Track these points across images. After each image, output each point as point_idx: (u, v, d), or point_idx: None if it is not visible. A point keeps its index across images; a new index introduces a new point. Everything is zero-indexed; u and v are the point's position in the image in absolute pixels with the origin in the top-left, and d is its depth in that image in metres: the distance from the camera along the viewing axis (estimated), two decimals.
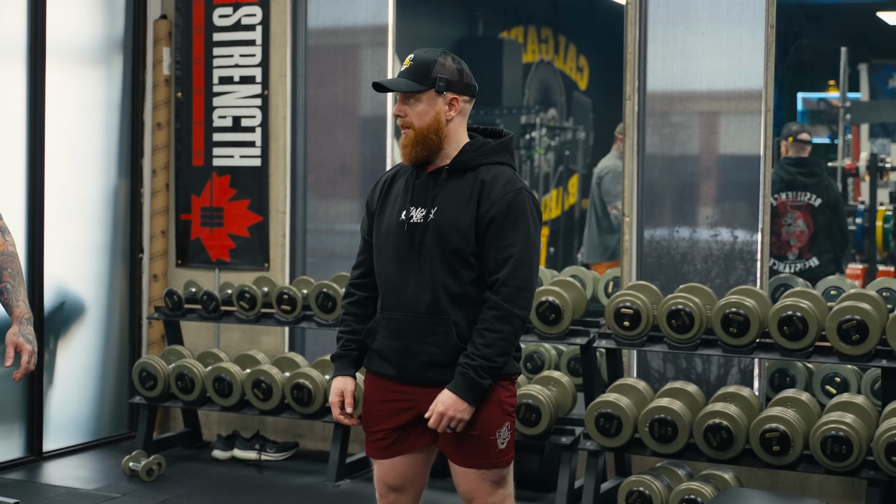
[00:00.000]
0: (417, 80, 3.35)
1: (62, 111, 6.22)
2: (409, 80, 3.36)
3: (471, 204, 3.33)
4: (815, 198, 6.72)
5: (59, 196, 6.20)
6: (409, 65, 3.37)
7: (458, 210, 3.34)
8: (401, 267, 3.39)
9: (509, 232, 3.30)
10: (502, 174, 3.37)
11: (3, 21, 5.93)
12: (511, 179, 3.36)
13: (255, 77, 6.45)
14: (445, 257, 3.34)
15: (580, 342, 5.35)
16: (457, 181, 3.37)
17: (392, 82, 3.38)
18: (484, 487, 3.38)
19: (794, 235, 6.59)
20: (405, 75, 3.37)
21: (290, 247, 6.48)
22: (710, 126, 5.72)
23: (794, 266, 6.51)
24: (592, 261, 7.62)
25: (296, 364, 5.98)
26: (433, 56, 3.38)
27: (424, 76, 3.35)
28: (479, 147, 3.40)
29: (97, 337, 6.56)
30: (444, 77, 3.36)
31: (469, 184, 3.35)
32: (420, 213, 3.38)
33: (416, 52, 3.42)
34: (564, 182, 11.16)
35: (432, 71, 3.35)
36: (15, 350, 3.41)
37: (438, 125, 3.37)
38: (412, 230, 3.38)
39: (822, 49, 9.50)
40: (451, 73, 3.38)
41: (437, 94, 3.36)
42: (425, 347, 3.34)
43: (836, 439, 4.63)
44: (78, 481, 5.81)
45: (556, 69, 11.75)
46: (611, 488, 5.29)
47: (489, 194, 3.32)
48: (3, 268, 3.51)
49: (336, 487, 5.68)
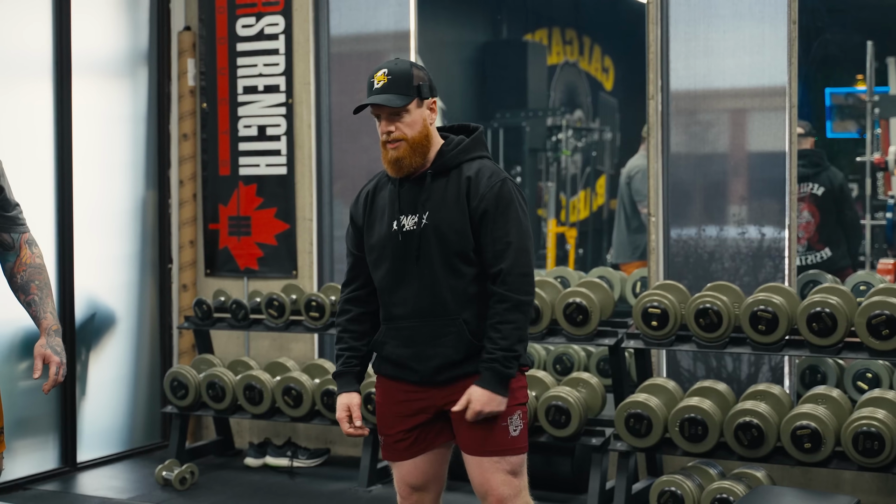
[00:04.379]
0: (403, 92, 3.35)
1: (89, 124, 6.27)
2: (395, 93, 3.35)
3: (460, 202, 3.37)
4: (817, 187, 6.68)
5: (87, 208, 6.25)
6: (388, 80, 3.36)
7: (449, 211, 3.38)
8: (401, 276, 3.43)
9: (502, 221, 3.36)
10: (484, 168, 3.41)
11: (29, 37, 5.98)
12: (494, 171, 3.41)
13: (279, 86, 6.47)
14: (446, 259, 3.38)
15: (608, 343, 5.34)
16: (442, 182, 3.41)
17: (385, 100, 3.35)
18: (497, 477, 3.41)
19: (801, 227, 6.55)
20: (389, 90, 3.35)
21: (318, 254, 6.49)
22: (735, 124, 5.71)
23: (806, 258, 6.47)
24: (622, 261, 7.62)
25: (325, 370, 5.99)
26: (407, 66, 3.39)
27: (407, 86, 3.36)
28: (457, 146, 3.43)
29: (128, 348, 6.60)
30: (423, 84, 3.39)
31: (455, 183, 3.39)
32: (412, 221, 3.41)
33: (386, 65, 3.40)
34: (592, 183, 11.15)
35: (413, 80, 3.36)
36: (43, 362, 3.43)
37: (427, 131, 3.40)
38: (407, 238, 3.41)
39: (846, 43, 9.43)
40: (424, 77, 3.41)
41: (421, 101, 3.38)
42: (438, 350, 3.39)
43: (868, 435, 4.60)
44: (112, 491, 5.85)
45: (582, 70, 11.74)
46: (642, 489, 5.28)
47: (477, 189, 3.36)
48: (31, 280, 3.53)
49: (368, 493, 5.69)
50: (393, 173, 3.41)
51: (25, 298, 3.51)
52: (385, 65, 3.41)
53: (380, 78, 3.36)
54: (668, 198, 5.71)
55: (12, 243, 3.52)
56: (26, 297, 3.51)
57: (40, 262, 3.56)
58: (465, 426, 3.40)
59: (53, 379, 3.42)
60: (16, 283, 3.52)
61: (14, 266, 3.52)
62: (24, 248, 3.53)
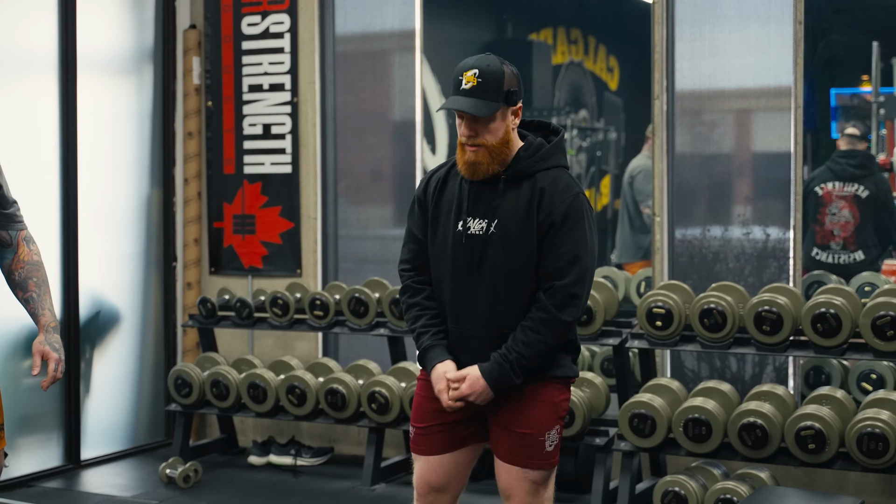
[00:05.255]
0: (492, 98, 3.20)
1: (94, 122, 6.27)
2: (484, 99, 3.20)
3: (531, 215, 3.26)
4: (862, 189, 6.66)
5: (92, 206, 6.25)
6: (478, 82, 3.20)
7: (519, 223, 3.27)
8: (461, 281, 3.35)
9: (566, 238, 3.25)
10: (559, 179, 3.28)
11: (35, 35, 5.99)
12: (567, 184, 3.28)
13: (284, 84, 6.48)
14: (508, 271, 3.30)
15: (613, 343, 5.34)
16: (515, 190, 3.28)
17: (472, 107, 3.20)
18: (524, 486, 3.38)
19: (838, 225, 6.54)
20: (477, 94, 3.20)
21: (322, 253, 6.50)
22: (741, 124, 5.72)
23: (838, 257, 6.46)
24: (626, 260, 7.63)
25: (329, 369, 6.01)
26: (499, 68, 3.23)
27: (497, 92, 3.20)
28: (535, 152, 3.30)
29: (132, 345, 6.61)
30: (514, 89, 3.24)
31: (527, 193, 3.27)
32: (479, 225, 3.31)
33: (477, 64, 3.23)
34: (597, 183, 11.14)
35: (504, 85, 3.21)
36: (42, 359, 3.41)
37: (508, 137, 3.27)
38: (471, 242, 3.31)
39: (852, 44, 9.42)
40: (515, 82, 3.26)
41: (508, 107, 3.24)
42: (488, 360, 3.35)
43: (873, 436, 4.60)
44: (115, 489, 5.85)
45: (587, 70, 11.72)
46: (646, 489, 5.28)
47: (549, 202, 3.25)
48: (29, 277, 3.51)
49: (371, 491, 5.69)
50: (467, 175, 3.29)
51: (23, 295, 3.50)
52: (476, 63, 3.23)
53: (469, 78, 3.20)
54: (673, 198, 5.71)
55: (10, 240, 3.50)
56: (24, 294, 3.50)
57: (38, 258, 3.54)
58: (504, 433, 3.38)
59: (52, 375, 3.40)
60: (14, 280, 3.51)
61: (12, 263, 3.51)
62: (22, 245, 3.51)
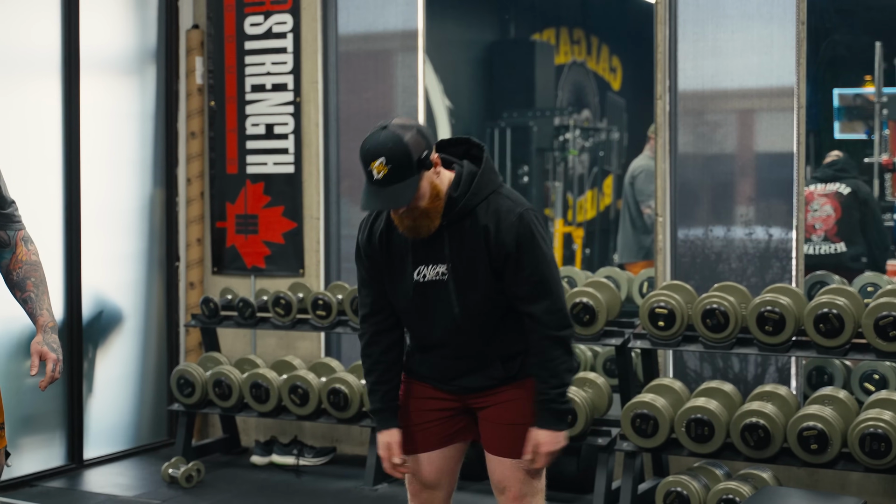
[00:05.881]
0: (407, 176, 3.12)
1: (97, 122, 6.27)
2: (400, 182, 3.12)
3: (481, 251, 3.27)
4: (843, 186, 6.69)
5: (95, 206, 6.25)
6: (388, 169, 3.10)
7: (471, 263, 3.29)
8: (429, 320, 3.38)
9: (526, 260, 3.27)
10: (500, 208, 3.28)
11: (38, 34, 5.99)
12: (508, 209, 3.27)
13: (286, 84, 6.49)
14: (472, 304, 3.33)
15: (615, 343, 5.34)
16: (458, 231, 3.29)
17: (394, 200, 3.14)
18: (518, 476, 3.42)
19: (819, 220, 6.58)
20: (392, 180, 3.11)
21: (325, 252, 6.50)
22: (743, 124, 5.71)
23: (819, 248, 6.48)
24: (627, 260, 7.64)
25: (332, 369, 6.01)
26: (402, 144, 3.12)
27: (410, 168, 3.12)
28: (467, 189, 3.27)
29: (135, 345, 6.62)
30: (422, 152, 3.16)
31: (472, 232, 3.28)
32: (433, 271, 3.33)
33: (380, 149, 3.11)
34: (599, 183, 11.15)
35: (413, 157, 3.13)
36: (40, 359, 3.41)
37: (437, 189, 3.23)
38: (429, 288, 3.33)
39: (855, 44, 9.45)
40: (422, 142, 3.17)
41: (426, 169, 3.18)
42: (472, 378, 3.41)
43: (875, 437, 4.59)
44: (118, 488, 5.86)
45: (589, 70, 11.74)
46: (648, 489, 5.28)
47: (496, 236, 3.26)
48: (27, 277, 3.51)
49: (374, 491, 5.69)
50: (416, 236, 3.28)
51: (22, 295, 3.50)
52: (378, 148, 3.12)
53: (379, 168, 3.11)
54: (676, 198, 5.70)
55: (8, 240, 3.50)
56: (22, 294, 3.50)
57: (36, 259, 3.54)
58: (494, 428, 3.43)
59: (50, 376, 3.41)
60: (12, 280, 3.51)
61: (10, 263, 3.51)
62: (20, 245, 3.52)
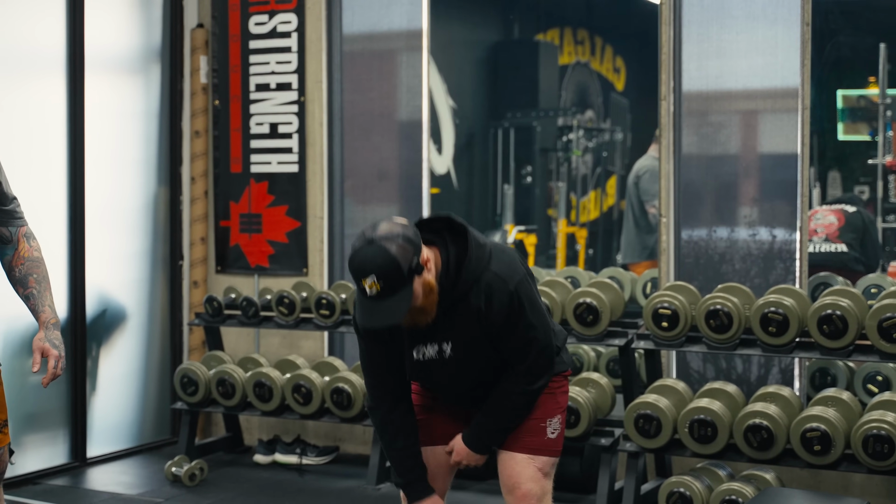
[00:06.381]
0: (402, 289, 3.15)
1: (101, 121, 6.29)
2: (395, 295, 3.15)
3: (474, 328, 3.34)
4: (849, 206, 6.78)
5: (99, 204, 6.27)
6: (381, 286, 3.12)
7: (466, 339, 3.37)
8: (434, 383, 3.52)
9: (515, 330, 3.36)
10: (491, 287, 3.31)
11: (42, 33, 5.99)
12: (499, 287, 3.31)
13: (291, 84, 6.50)
14: (475, 371, 3.45)
15: (618, 343, 5.34)
16: (451, 312, 3.34)
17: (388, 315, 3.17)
18: (528, 472, 3.46)
19: (822, 226, 6.62)
20: (386, 294, 3.14)
21: (329, 252, 6.51)
22: (748, 125, 5.71)
23: (820, 247, 6.50)
24: (631, 260, 7.64)
25: (335, 368, 6.01)
26: (391, 258, 3.13)
27: (401, 279, 3.14)
28: (456, 278, 3.30)
29: (139, 343, 6.63)
30: (412, 260, 3.17)
31: (465, 313, 3.33)
32: (432, 349, 3.40)
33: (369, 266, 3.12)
34: (602, 183, 11.17)
35: (402, 268, 3.14)
36: (42, 355, 3.42)
37: (429, 286, 3.24)
38: (430, 363, 3.43)
39: (859, 45, 9.46)
40: (409, 249, 3.18)
41: (418, 274, 3.20)
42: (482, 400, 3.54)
43: (878, 438, 4.59)
44: (121, 487, 5.88)
45: (593, 70, 11.77)
46: (651, 489, 5.28)
47: (488, 315, 3.31)
48: (29, 273, 3.50)
49: (376, 491, 5.70)
50: (409, 328, 3.34)
51: (24, 292, 3.50)
52: (367, 265, 3.14)
53: (371, 286, 3.12)
54: (680, 199, 5.71)
55: (10, 237, 3.50)
56: (24, 290, 3.50)
57: (38, 255, 3.54)
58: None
59: (52, 372, 3.41)
60: (14, 276, 3.51)
61: (12, 260, 3.51)
62: (22, 242, 3.51)
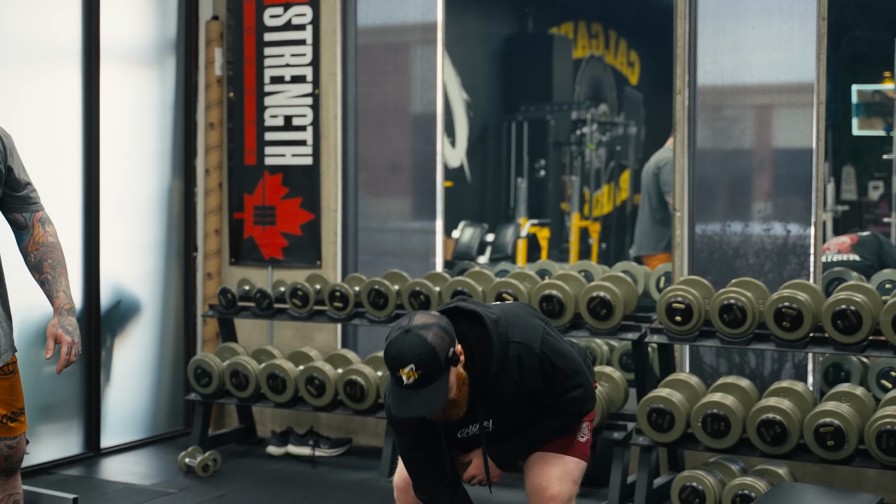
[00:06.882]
0: (438, 378, 3.16)
1: (117, 112, 6.31)
2: (432, 385, 3.15)
3: (517, 400, 3.41)
4: (865, 231, 6.79)
5: (114, 196, 6.29)
6: (418, 375, 3.12)
7: (509, 412, 3.44)
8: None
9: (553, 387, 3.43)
10: (520, 358, 3.35)
11: (58, 25, 6.01)
12: (527, 354, 3.36)
13: (305, 76, 6.51)
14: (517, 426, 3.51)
15: (632, 337, 5.36)
16: (489, 396, 3.39)
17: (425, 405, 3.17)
18: (556, 472, 3.50)
19: (834, 244, 6.63)
20: (423, 384, 3.14)
21: (342, 244, 6.53)
22: (762, 120, 5.71)
23: (833, 258, 6.51)
24: (646, 252, 7.62)
25: (348, 360, 6.03)
26: (429, 348, 3.14)
27: (438, 369, 3.15)
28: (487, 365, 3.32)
29: (153, 335, 6.65)
30: (448, 350, 3.19)
31: (503, 390, 3.38)
32: (475, 429, 3.46)
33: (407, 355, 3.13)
34: (616, 177, 11.18)
35: (440, 357, 3.15)
36: (55, 342, 3.43)
37: (462, 378, 3.26)
38: (476, 439, 3.49)
39: (875, 40, 9.45)
40: (446, 339, 3.20)
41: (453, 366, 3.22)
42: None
43: (892, 434, 4.58)
44: (135, 477, 5.90)
45: (607, 64, 11.78)
46: (664, 483, 5.30)
47: (524, 383, 3.37)
48: (44, 259, 3.52)
49: (389, 483, 5.66)
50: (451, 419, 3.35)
51: (39, 277, 3.53)
52: (405, 354, 3.14)
53: (409, 374, 3.13)
54: (694, 193, 5.71)
55: (25, 222, 3.53)
56: (40, 276, 3.52)
57: (53, 240, 3.56)
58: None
59: (65, 359, 3.43)
60: (30, 261, 3.54)
61: (28, 245, 3.53)
62: (37, 227, 3.54)
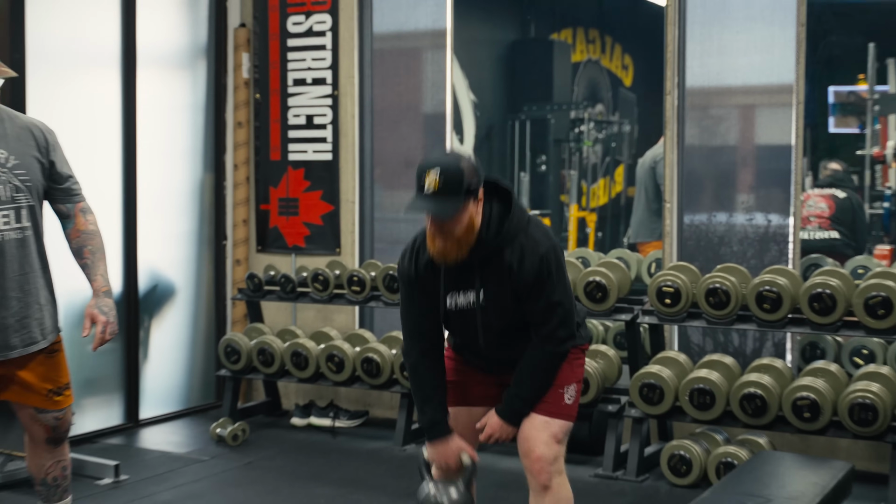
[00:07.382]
0: (455, 196, 3.13)
1: (153, 113, 6.37)
2: (447, 198, 3.13)
3: (505, 285, 3.32)
4: (839, 192, 6.73)
5: (150, 189, 6.35)
6: (441, 183, 3.11)
7: (500, 293, 3.32)
8: (464, 335, 3.47)
9: (541, 292, 3.33)
10: (524, 248, 3.28)
11: (99, 31, 6.09)
12: (532, 250, 3.27)
13: (325, 79, 6.57)
14: (502, 324, 3.41)
15: (625, 318, 5.38)
16: (486, 265, 3.32)
17: (438, 210, 3.13)
18: (543, 436, 3.42)
19: (814, 214, 6.53)
20: (441, 195, 3.11)
21: (360, 233, 6.57)
22: (746, 118, 5.67)
23: (814, 234, 6.48)
24: (642, 240, 7.46)
25: (365, 340, 6.10)
26: (458, 166, 3.14)
27: (459, 189, 3.13)
28: (497, 232, 3.27)
29: (186, 316, 6.74)
30: (472, 181, 3.16)
31: (498, 268, 3.30)
32: (466, 300, 3.36)
33: (438, 164, 3.13)
34: (611, 172, 11.11)
35: (464, 181, 3.13)
36: (91, 321, 3.46)
37: (472, 222, 3.23)
38: (464, 314, 3.39)
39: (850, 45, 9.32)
40: (475, 173, 3.18)
41: (471, 198, 3.19)
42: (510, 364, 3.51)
43: (863, 406, 4.66)
44: (171, 446, 6.01)
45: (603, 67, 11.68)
46: (654, 452, 5.38)
47: (519, 274, 3.29)
48: (84, 245, 3.56)
49: (403, 451, 5.81)
50: (438, 261, 3.28)
51: (80, 262, 3.58)
52: (436, 161, 3.15)
53: (433, 181, 3.12)
54: (682, 186, 5.70)
55: (67, 212, 3.58)
56: (81, 260, 3.58)
57: (94, 228, 3.59)
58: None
59: (100, 337, 3.44)
60: (72, 248, 3.60)
61: (71, 232, 3.59)
62: (79, 216, 3.58)
